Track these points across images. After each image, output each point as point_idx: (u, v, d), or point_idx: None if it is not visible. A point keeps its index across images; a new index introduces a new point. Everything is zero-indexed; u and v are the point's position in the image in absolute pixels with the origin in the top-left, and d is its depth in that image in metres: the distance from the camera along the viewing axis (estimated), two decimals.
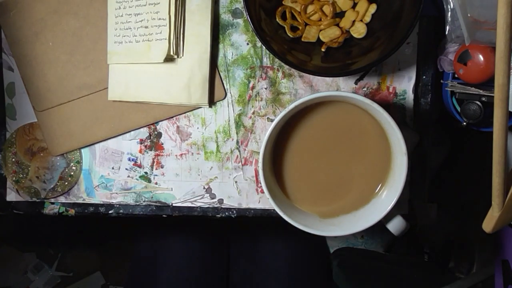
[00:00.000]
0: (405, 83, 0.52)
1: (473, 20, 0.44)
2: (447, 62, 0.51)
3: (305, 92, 0.53)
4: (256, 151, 0.54)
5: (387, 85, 0.52)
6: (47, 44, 0.53)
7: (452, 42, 0.50)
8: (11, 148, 0.55)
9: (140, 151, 0.54)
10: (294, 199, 0.47)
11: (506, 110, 0.36)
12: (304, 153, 0.46)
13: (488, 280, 0.66)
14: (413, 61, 0.52)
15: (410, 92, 0.52)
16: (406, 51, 0.52)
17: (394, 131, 0.42)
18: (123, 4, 0.50)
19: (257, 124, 0.53)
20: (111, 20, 0.51)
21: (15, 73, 0.54)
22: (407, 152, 0.42)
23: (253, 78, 0.53)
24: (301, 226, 0.43)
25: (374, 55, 0.45)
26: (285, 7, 0.49)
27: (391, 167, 0.45)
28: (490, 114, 0.41)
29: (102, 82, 0.52)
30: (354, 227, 0.44)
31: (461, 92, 0.50)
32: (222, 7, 0.52)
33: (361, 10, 0.48)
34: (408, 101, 0.53)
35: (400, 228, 0.47)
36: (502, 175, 0.38)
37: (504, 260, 0.59)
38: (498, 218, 0.41)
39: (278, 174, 0.47)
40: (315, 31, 0.49)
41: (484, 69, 0.47)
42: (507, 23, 0.33)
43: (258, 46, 0.52)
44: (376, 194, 0.46)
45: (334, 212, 0.46)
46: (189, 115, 0.53)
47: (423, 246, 0.84)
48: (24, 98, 0.54)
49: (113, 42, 0.51)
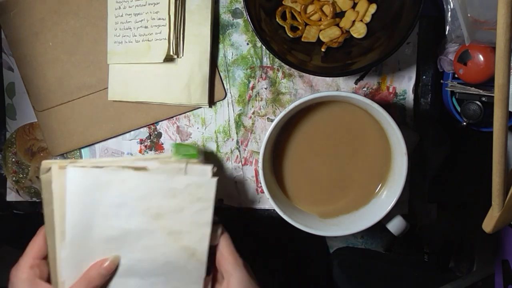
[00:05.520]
0: (405, 83, 0.52)
1: (473, 20, 0.44)
2: (447, 62, 0.51)
3: (305, 92, 0.53)
4: (256, 151, 0.54)
5: (387, 85, 0.52)
6: (47, 44, 0.53)
7: (452, 42, 0.50)
8: (11, 148, 0.55)
9: (140, 151, 0.54)
10: (294, 199, 0.47)
11: (506, 110, 0.36)
12: (304, 153, 0.46)
13: (488, 279, 0.66)
14: (413, 61, 0.52)
15: (410, 92, 0.52)
16: (406, 51, 0.52)
17: (394, 131, 0.42)
18: (123, 4, 0.50)
19: (257, 124, 0.53)
20: (111, 20, 0.51)
21: (15, 73, 0.54)
22: (407, 152, 0.42)
23: (253, 78, 0.53)
24: (301, 226, 0.43)
25: (374, 55, 0.45)
26: (285, 7, 0.49)
27: (391, 167, 0.45)
28: (490, 114, 0.41)
29: (102, 82, 0.52)
30: (354, 227, 0.44)
31: (461, 92, 0.50)
32: (222, 7, 0.52)
33: (361, 10, 0.48)
34: (408, 101, 0.53)
35: (400, 228, 0.47)
36: (502, 175, 0.38)
37: (504, 260, 0.59)
38: (498, 218, 0.41)
39: (278, 174, 0.47)
40: (315, 31, 0.49)
41: (484, 69, 0.47)
42: (507, 23, 0.33)
43: (258, 46, 0.52)
44: (376, 194, 0.46)
45: (334, 212, 0.46)
46: (189, 115, 0.53)
47: (423, 246, 0.84)
48: (24, 98, 0.54)
49: (113, 42, 0.51)
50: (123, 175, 0.41)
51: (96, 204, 0.41)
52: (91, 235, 0.41)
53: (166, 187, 0.41)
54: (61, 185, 0.40)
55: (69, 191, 0.40)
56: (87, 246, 0.41)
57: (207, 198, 0.42)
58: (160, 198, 0.41)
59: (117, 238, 0.41)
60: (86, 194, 0.40)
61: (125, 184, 0.41)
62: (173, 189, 0.41)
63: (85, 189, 0.40)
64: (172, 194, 0.41)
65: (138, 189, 0.41)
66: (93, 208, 0.41)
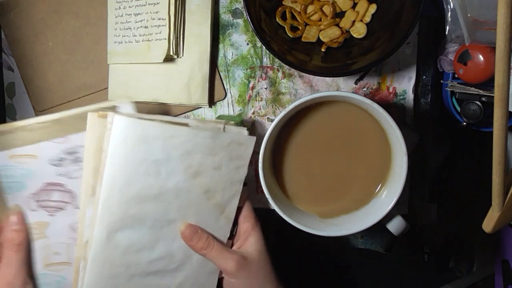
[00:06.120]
0: (405, 83, 0.52)
1: (473, 20, 0.44)
2: (447, 62, 0.51)
3: (305, 92, 0.53)
4: (256, 151, 0.53)
5: (387, 85, 0.52)
6: (47, 44, 0.53)
7: (452, 42, 0.50)
8: None
9: None
10: (294, 199, 0.47)
11: (506, 110, 0.36)
12: (304, 153, 0.46)
13: (488, 279, 0.66)
14: (413, 61, 0.52)
15: (410, 92, 0.52)
16: (406, 51, 0.52)
17: (394, 131, 0.42)
18: (123, 4, 0.50)
19: (257, 124, 0.53)
20: (111, 20, 0.51)
21: (15, 73, 0.54)
22: (407, 152, 0.42)
23: (253, 78, 0.53)
24: (301, 226, 0.43)
25: (374, 55, 0.45)
26: (285, 7, 0.49)
27: (391, 167, 0.45)
28: (490, 114, 0.41)
29: (102, 82, 0.52)
30: (354, 227, 0.44)
31: (461, 92, 0.50)
32: (222, 7, 0.52)
33: (361, 10, 0.48)
34: (408, 101, 0.52)
35: (400, 228, 0.47)
36: (502, 175, 0.38)
37: (504, 260, 0.59)
38: (498, 218, 0.41)
39: (278, 174, 0.47)
40: (315, 31, 0.49)
41: (484, 69, 0.47)
42: (507, 23, 0.33)
43: (258, 46, 0.52)
44: (376, 194, 0.46)
45: (334, 212, 0.46)
46: (189, 115, 0.53)
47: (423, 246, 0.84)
48: (24, 98, 0.54)
49: (113, 42, 0.51)
50: (171, 130, 0.39)
51: (139, 159, 0.38)
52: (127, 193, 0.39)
53: (209, 144, 0.40)
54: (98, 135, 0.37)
55: (114, 142, 0.37)
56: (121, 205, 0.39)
57: (245, 156, 0.43)
58: (201, 156, 0.40)
59: (153, 197, 0.40)
60: (131, 147, 0.38)
61: (172, 140, 0.39)
62: (216, 147, 0.41)
63: (131, 141, 0.38)
64: (214, 152, 0.41)
65: (183, 146, 0.39)
66: (135, 163, 0.38)
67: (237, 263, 0.42)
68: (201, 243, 0.42)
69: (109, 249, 0.40)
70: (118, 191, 0.38)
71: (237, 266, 0.42)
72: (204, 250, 0.42)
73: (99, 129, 0.38)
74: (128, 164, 0.38)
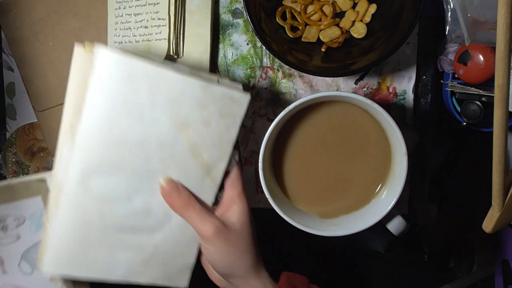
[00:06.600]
0: (405, 83, 0.52)
1: (473, 20, 0.44)
2: (447, 62, 0.51)
3: (305, 92, 0.53)
4: (256, 151, 0.53)
5: (387, 85, 0.52)
6: (47, 44, 0.53)
7: (452, 42, 0.50)
8: (11, 148, 0.55)
9: None
10: (294, 199, 0.47)
11: (506, 110, 0.36)
12: (304, 153, 0.46)
13: (488, 279, 0.66)
14: (413, 61, 0.52)
15: (410, 92, 0.52)
16: (406, 51, 0.52)
17: (394, 131, 0.42)
18: (123, 4, 0.50)
19: (257, 124, 0.53)
20: (111, 20, 0.51)
21: (15, 73, 0.54)
22: (407, 152, 0.42)
23: (253, 78, 0.53)
24: (301, 226, 0.43)
25: (374, 55, 0.45)
26: (285, 7, 0.49)
27: (391, 167, 0.45)
28: (490, 114, 0.41)
29: None
30: (354, 227, 0.44)
31: (461, 92, 0.50)
32: (222, 7, 0.52)
33: (361, 10, 0.48)
34: (408, 101, 0.53)
35: (400, 228, 0.47)
36: (502, 175, 0.38)
37: (504, 260, 0.59)
38: (498, 218, 0.41)
39: (278, 174, 0.47)
40: (315, 31, 0.49)
41: (484, 69, 0.47)
42: (507, 23, 0.33)
43: (258, 46, 0.52)
44: (376, 194, 0.46)
45: (334, 212, 0.46)
46: None
47: (423, 246, 0.84)
48: (24, 98, 0.54)
49: (113, 42, 0.51)
50: (160, 73, 0.36)
51: (122, 99, 0.35)
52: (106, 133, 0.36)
53: (199, 94, 0.37)
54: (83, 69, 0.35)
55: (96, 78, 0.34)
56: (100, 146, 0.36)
57: (237, 115, 0.39)
58: (190, 106, 0.38)
59: (135, 143, 0.37)
60: (115, 85, 0.35)
61: (161, 82, 0.36)
62: (206, 98, 0.38)
63: (117, 78, 0.35)
64: (203, 103, 0.38)
65: (171, 91, 0.37)
66: (118, 102, 0.35)
67: (216, 228, 0.39)
68: (181, 201, 0.39)
69: (82, 194, 0.37)
70: (98, 130, 0.36)
71: (215, 231, 0.39)
72: (182, 209, 0.39)
73: (85, 64, 0.35)
74: (110, 102, 0.36)
